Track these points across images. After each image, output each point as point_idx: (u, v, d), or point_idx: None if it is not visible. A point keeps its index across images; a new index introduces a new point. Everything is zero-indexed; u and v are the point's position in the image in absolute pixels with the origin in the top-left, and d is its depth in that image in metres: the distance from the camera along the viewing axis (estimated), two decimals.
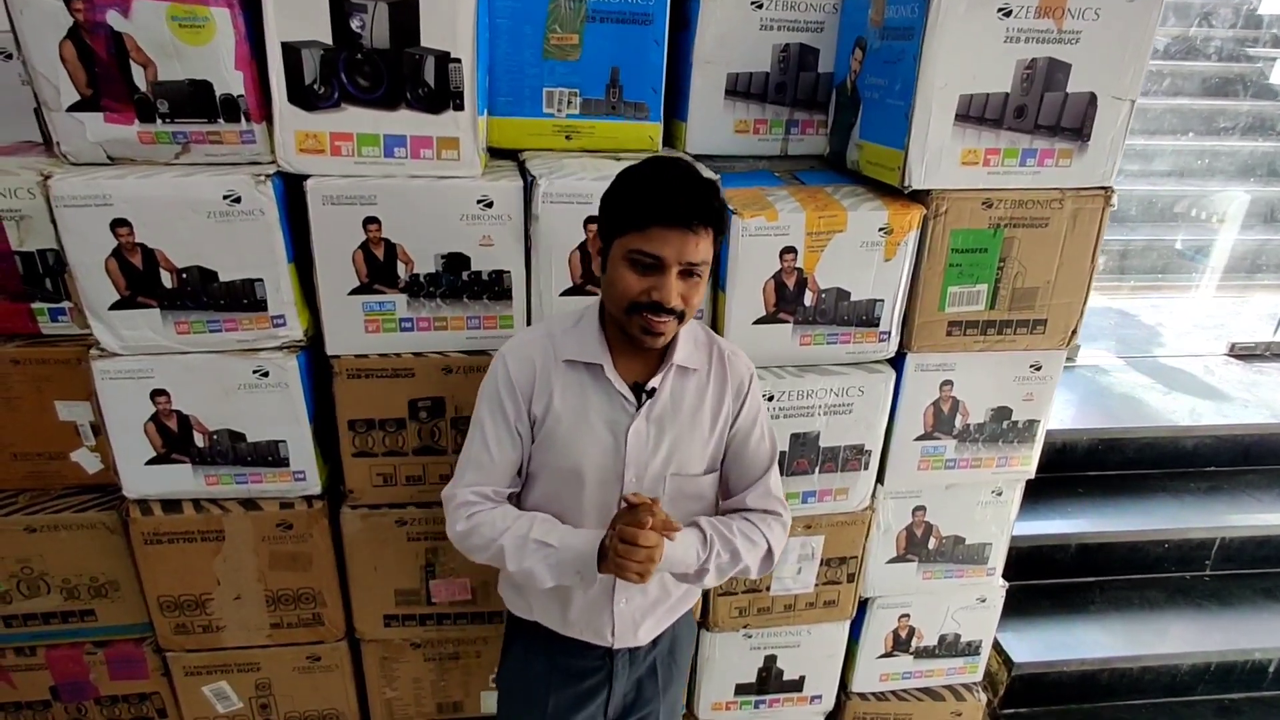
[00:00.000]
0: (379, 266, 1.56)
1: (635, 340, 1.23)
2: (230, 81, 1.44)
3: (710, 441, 1.36)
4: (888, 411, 1.78)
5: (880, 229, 1.61)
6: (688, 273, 1.18)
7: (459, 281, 1.59)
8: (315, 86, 1.46)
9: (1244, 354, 3.45)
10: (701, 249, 1.18)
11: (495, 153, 1.74)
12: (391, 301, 1.59)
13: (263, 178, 1.46)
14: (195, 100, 1.44)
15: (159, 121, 1.45)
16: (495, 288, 1.62)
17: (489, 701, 1.97)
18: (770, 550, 1.36)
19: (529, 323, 1.66)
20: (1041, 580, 2.57)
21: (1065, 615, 2.47)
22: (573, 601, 1.36)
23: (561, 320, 1.36)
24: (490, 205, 1.55)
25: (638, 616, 1.40)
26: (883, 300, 1.68)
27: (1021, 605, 2.44)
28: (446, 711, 1.98)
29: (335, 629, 1.81)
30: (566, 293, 1.64)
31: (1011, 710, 2.37)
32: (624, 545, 1.16)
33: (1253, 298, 4.33)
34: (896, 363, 1.76)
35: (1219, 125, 5.27)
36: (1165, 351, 3.46)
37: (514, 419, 1.31)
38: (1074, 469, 2.80)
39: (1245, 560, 2.71)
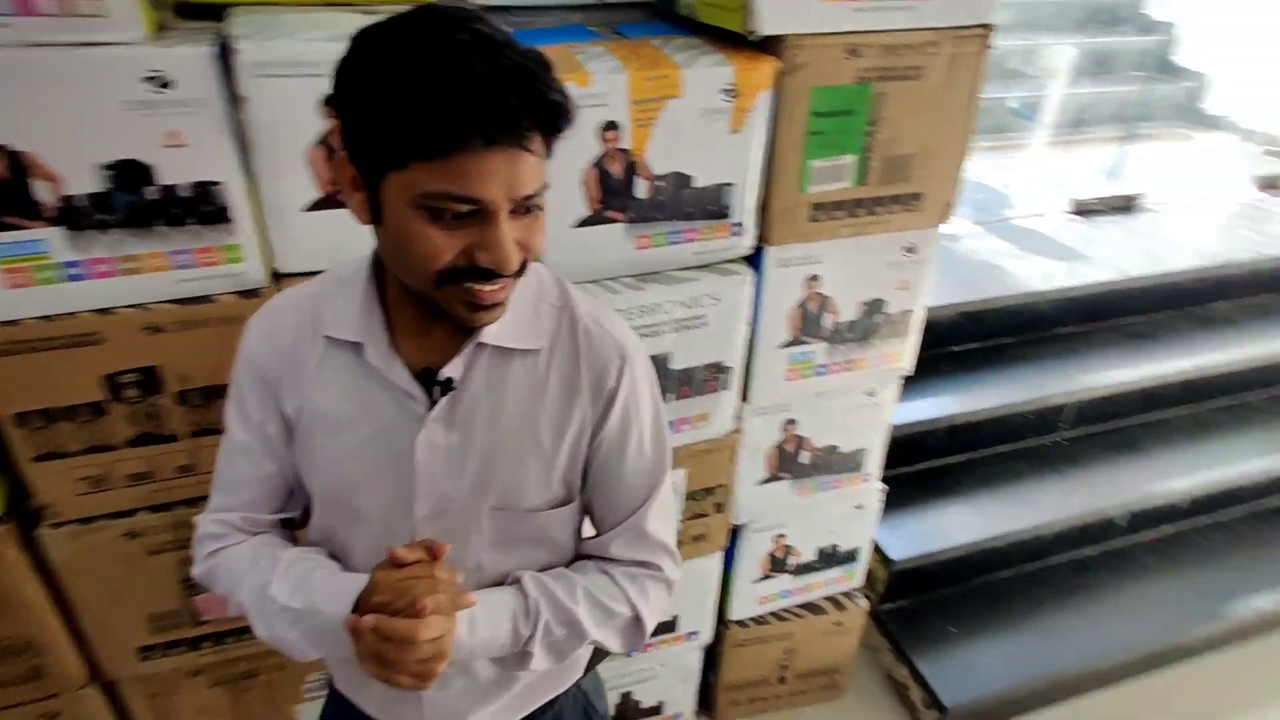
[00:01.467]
0: (3, 190, 1.04)
1: (456, 319, 0.79)
2: None
3: (556, 461, 0.91)
4: (748, 320, 1.49)
5: (724, 90, 1.25)
6: (524, 208, 0.75)
7: (141, 202, 1.10)
8: None
9: (1085, 210, 3.45)
10: (539, 169, 0.74)
11: (190, 10, 1.22)
12: (39, 240, 1.08)
13: None
14: None
15: None
16: (203, 207, 1.14)
17: (308, 714, 1.62)
18: (639, 618, 0.96)
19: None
20: (913, 466, 2.48)
21: (938, 501, 2.39)
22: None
23: (344, 271, 0.90)
24: (167, 85, 1.05)
25: (460, 707, 0.98)
26: (732, 184, 1.34)
27: (896, 497, 2.34)
28: None
29: (71, 677, 1.38)
30: (315, 206, 1.19)
31: (891, 605, 2.30)
32: (387, 644, 0.76)
33: (1084, 151, 4.38)
34: (754, 260, 1.46)
35: None
36: (1015, 213, 3.40)
37: (260, 419, 0.90)
38: (938, 346, 2.68)
39: (1096, 418, 2.74)
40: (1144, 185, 3.62)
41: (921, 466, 2.50)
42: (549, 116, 0.72)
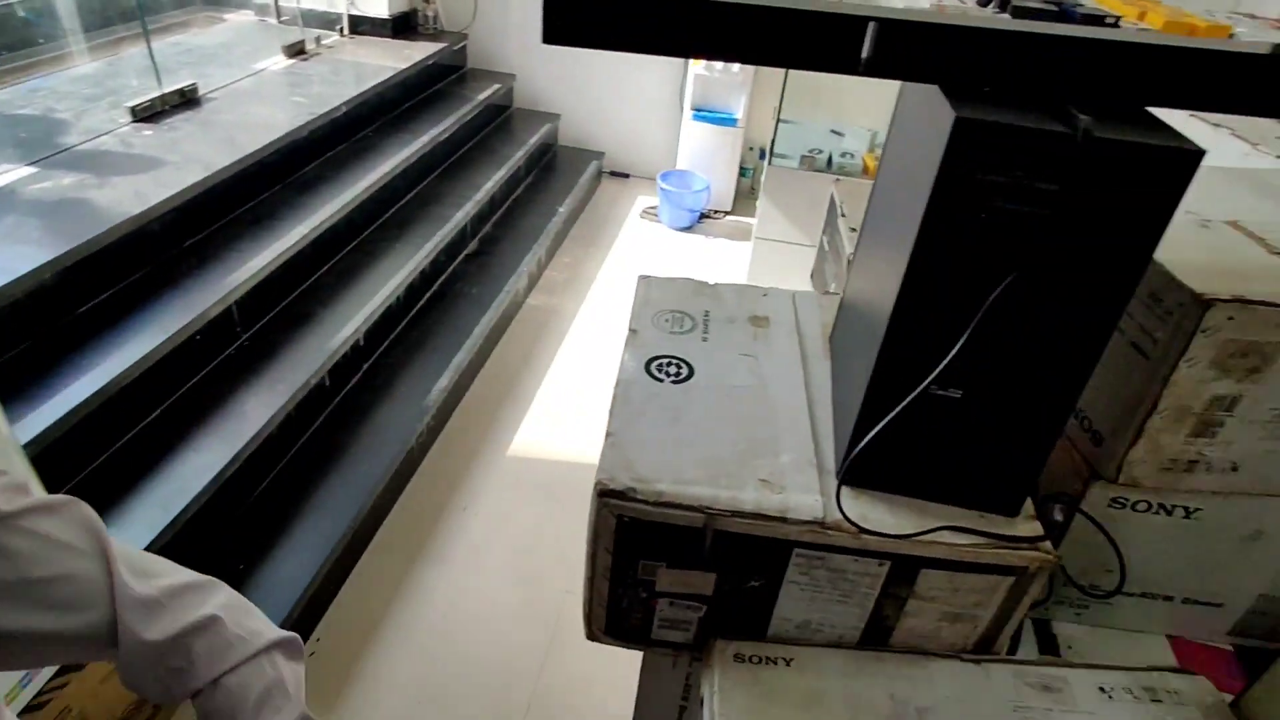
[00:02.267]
0: None
1: None
2: None
3: None
4: None
5: None
6: None
7: None
8: None
9: (148, 115, 3.29)
10: None
11: None
12: None
13: None
14: None
15: None
16: None
17: None
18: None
19: None
20: (109, 450, 2.20)
21: (159, 468, 2.19)
22: None
23: None
24: None
25: None
26: None
27: (119, 491, 2.06)
28: None
29: None
30: None
31: None
32: None
33: (125, 53, 4.09)
34: None
35: None
36: (75, 138, 3.02)
37: None
38: (56, 317, 2.33)
39: (264, 307, 2.86)
40: (195, 75, 3.62)
41: (118, 445, 2.24)
42: None
